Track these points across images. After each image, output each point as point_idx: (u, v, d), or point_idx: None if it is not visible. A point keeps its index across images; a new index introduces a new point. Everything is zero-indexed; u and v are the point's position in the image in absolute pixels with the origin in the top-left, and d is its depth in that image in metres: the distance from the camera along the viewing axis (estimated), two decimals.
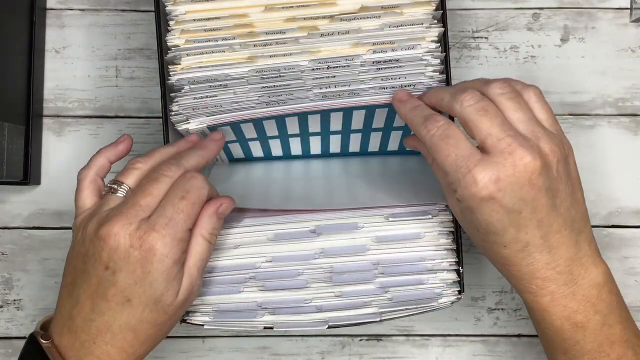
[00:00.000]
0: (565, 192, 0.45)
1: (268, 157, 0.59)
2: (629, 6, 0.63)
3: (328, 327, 0.51)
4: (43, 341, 0.46)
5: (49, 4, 0.63)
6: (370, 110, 0.52)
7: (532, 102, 0.46)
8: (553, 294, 0.45)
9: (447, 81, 0.51)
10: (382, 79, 0.49)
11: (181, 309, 0.47)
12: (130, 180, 0.47)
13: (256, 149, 0.57)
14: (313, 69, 0.48)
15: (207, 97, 0.49)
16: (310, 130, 0.55)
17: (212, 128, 0.51)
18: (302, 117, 0.52)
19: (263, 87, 0.49)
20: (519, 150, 0.42)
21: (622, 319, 0.47)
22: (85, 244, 0.46)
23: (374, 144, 0.57)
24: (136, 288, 0.45)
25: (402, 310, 0.51)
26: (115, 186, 0.47)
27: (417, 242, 0.51)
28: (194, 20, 0.48)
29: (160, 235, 0.44)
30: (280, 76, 0.49)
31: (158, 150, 0.49)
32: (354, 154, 0.59)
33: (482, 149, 0.44)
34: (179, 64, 0.49)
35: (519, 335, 0.62)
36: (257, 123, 0.52)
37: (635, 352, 0.47)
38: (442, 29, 0.49)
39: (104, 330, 0.45)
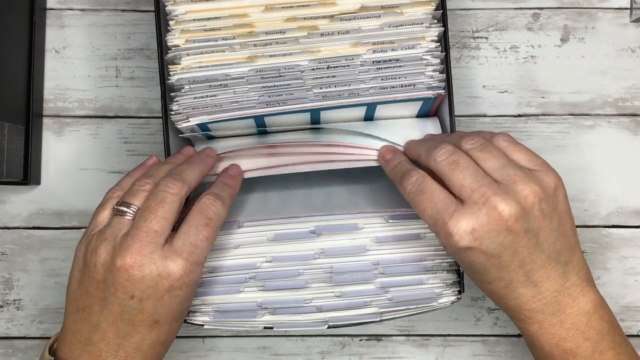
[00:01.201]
0: (549, 227, 0.45)
1: None
2: (629, 6, 0.63)
3: (328, 327, 0.51)
4: None
5: (49, 4, 0.63)
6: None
7: (503, 147, 0.47)
8: (541, 322, 0.46)
9: (447, 81, 0.51)
10: (382, 79, 0.49)
11: None
12: (139, 201, 0.46)
13: None
14: (313, 69, 0.48)
15: (207, 96, 0.49)
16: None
17: (204, 127, 0.51)
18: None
19: (263, 87, 0.49)
20: (492, 199, 0.43)
21: (615, 345, 0.46)
22: (100, 271, 0.45)
23: None
24: (164, 311, 0.45)
25: (402, 310, 0.51)
26: (124, 208, 0.46)
27: (417, 243, 0.51)
28: (194, 20, 0.48)
29: (189, 263, 0.45)
30: (280, 76, 0.49)
31: (162, 169, 0.49)
32: None
33: (459, 200, 0.44)
34: (179, 63, 0.49)
35: (519, 335, 0.62)
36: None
37: None
38: (442, 29, 0.49)
39: (133, 352, 0.45)
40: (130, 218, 0.46)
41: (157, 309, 0.45)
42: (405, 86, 0.50)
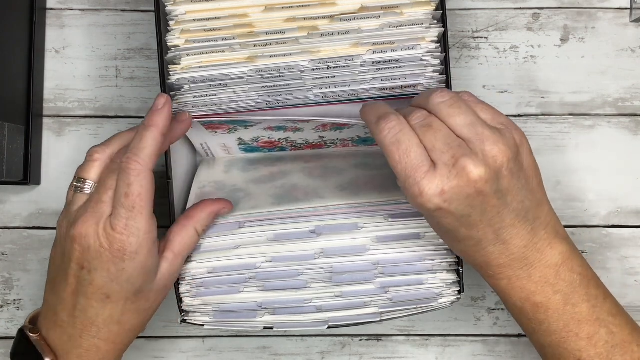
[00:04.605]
0: (517, 186, 0.45)
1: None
2: (629, 6, 0.63)
3: (328, 327, 0.51)
4: (32, 335, 0.47)
5: (49, 4, 0.63)
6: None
7: (470, 104, 0.46)
8: (510, 278, 0.46)
9: (447, 81, 0.51)
10: (382, 80, 0.49)
11: (162, 292, 0.49)
12: (93, 174, 0.48)
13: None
14: (313, 69, 0.49)
15: (207, 96, 0.49)
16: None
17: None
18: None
19: (263, 87, 0.49)
20: (462, 160, 0.43)
21: (589, 298, 0.46)
22: (61, 242, 0.47)
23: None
24: (113, 285, 0.46)
25: (402, 310, 0.51)
26: (80, 184, 0.48)
27: (417, 242, 0.51)
28: (194, 20, 0.48)
29: (124, 236, 0.45)
30: (280, 76, 0.49)
31: (117, 136, 0.50)
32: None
33: (431, 159, 0.44)
34: (179, 64, 0.49)
35: (519, 335, 0.62)
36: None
37: (610, 330, 0.46)
38: (442, 29, 0.49)
39: (88, 325, 0.47)
40: (87, 192, 0.47)
41: (106, 282, 0.45)
42: (405, 87, 0.50)
